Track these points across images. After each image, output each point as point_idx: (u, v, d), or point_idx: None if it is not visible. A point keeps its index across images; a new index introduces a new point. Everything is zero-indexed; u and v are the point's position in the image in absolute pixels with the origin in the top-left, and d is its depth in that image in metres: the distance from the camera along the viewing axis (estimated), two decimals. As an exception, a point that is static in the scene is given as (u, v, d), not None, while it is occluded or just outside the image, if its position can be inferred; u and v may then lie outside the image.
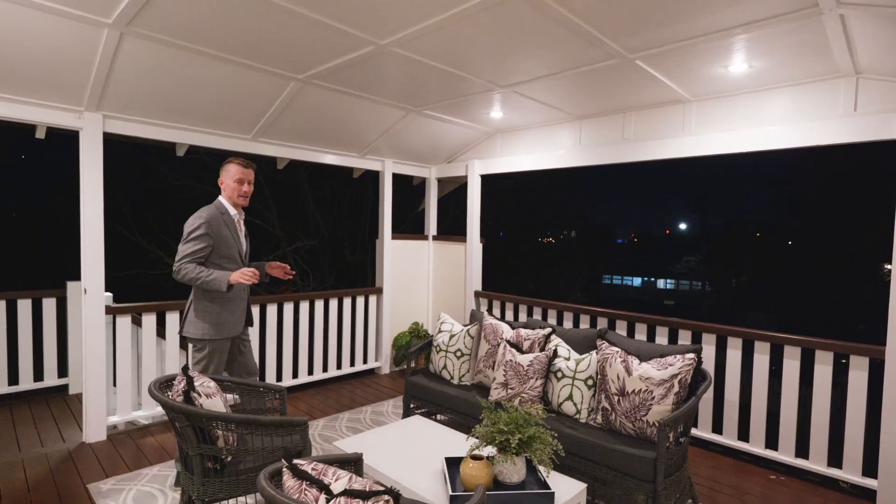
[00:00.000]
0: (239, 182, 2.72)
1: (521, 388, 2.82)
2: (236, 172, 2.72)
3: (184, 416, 1.90)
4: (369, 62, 2.98)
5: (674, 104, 3.57)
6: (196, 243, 2.58)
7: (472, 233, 4.98)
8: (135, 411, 3.61)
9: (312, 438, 3.40)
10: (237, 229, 2.76)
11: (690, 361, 2.41)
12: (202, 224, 2.60)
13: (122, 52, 2.73)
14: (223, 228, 2.67)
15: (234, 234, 2.72)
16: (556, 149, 4.32)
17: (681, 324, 3.49)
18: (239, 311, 2.77)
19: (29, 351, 4.00)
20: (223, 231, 2.67)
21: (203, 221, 2.61)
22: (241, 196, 2.74)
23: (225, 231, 2.68)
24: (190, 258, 2.56)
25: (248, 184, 2.75)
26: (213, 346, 2.66)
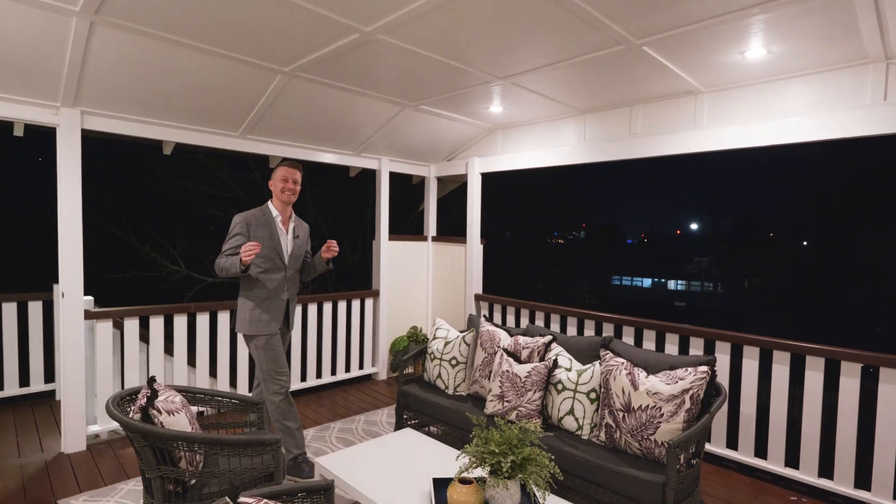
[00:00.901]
0: (283, 180, 2.80)
1: (519, 402, 2.62)
2: (282, 173, 2.82)
3: (140, 436, 1.73)
4: (357, 52, 2.79)
5: (684, 96, 3.35)
6: (230, 241, 2.70)
7: (472, 233, 4.78)
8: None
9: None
10: (277, 229, 2.79)
11: (703, 375, 2.19)
12: (238, 223, 2.73)
13: (95, 43, 2.58)
14: (260, 228, 2.74)
15: (273, 234, 2.77)
16: (559, 145, 4.11)
17: (693, 331, 3.26)
18: (275, 310, 2.79)
19: (14, 355, 3.87)
20: (260, 231, 2.73)
21: (239, 221, 2.73)
22: (285, 192, 2.80)
23: (262, 231, 2.73)
24: (222, 254, 2.68)
25: (293, 182, 2.82)
26: (260, 340, 2.75)
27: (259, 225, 2.75)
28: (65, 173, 3.06)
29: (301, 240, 2.96)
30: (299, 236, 2.94)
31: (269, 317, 2.76)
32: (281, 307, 2.82)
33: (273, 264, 2.78)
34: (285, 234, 2.85)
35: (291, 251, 2.86)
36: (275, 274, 2.79)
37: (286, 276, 2.84)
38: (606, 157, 3.81)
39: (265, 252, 2.73)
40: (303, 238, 2.99)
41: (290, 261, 2.86)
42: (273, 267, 2.78)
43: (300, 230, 2.97)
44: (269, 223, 2.78)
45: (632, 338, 3.63)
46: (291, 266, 2.88)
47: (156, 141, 3.64)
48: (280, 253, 2.80)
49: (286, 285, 2.84)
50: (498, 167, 4.60)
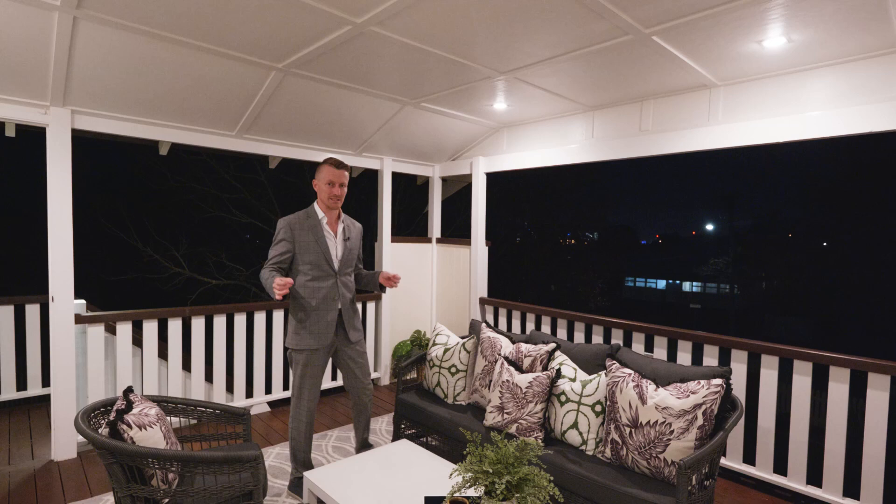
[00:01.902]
0: (329, 184, 2.60)
1: (519, 414, 2.47)
2: (327, 174, 2.61)
3: (107, 453, 1.62)
4: (351, 47, 2.67)
5: (698, 90, 3.17)
6: (275, 248, 2.58)
7: (476, 235, 4.64)
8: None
9: (295, 460, 3.11)
10: (324, 234, 2.62)
11: (717, 389, 2.03)
12: (280, 229, 2.60)
13: (79, 39, 2.49)
14: (305, 233, 2.58)
15: (320, 239, 2.60)
16: (566, 143, 3.95)
17: (707, 338, 3.08)
18: (323, 324, 2.60)
19: (11, 359, 3.82)
20: (305, 236, 2.58)
21: (282, 226, 2.60)
22: (331, 198, 2.61)
23: (307, 236, 2.58)
24: (268, 263, 2.56)
25: (340, 186, 2.62)
26: (297, 356, 2.62)
27: (304, 229, 2.59)
28: (55, 174, 2.98)
29: (353, 241, 2.75)
30: (350, 238, 2.73)
31: (318, 329, 2.59)
32: (333, 318, 2.62)
33: (322, 271, 2.59)
34: (334, 238, 2.66)
35: (342, 255, 2.68)
36: (325, 282, 2.60)
37: (338, 283, 2.64)
38: (616, 156, 3.64)
39: (312, 259, 2.58)
40: (354, 240, 2.77)
41: (340, 266, 2.66)
42: (322, 274, 2.59)
43: (351, 231, 2.76)
44: (315, 226, 2.61)
45: (642, 344, 3.46)
46: (343, 271, 2.68)
47: (151, 141, 3.57)
48: (329, 259, 2.62)
49: (338, 293, 2.64)
50: (503, 167, 4.46)
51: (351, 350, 2.76)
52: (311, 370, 2.63)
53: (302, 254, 2.58)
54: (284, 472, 2.96)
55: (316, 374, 2.66)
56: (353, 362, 2.78)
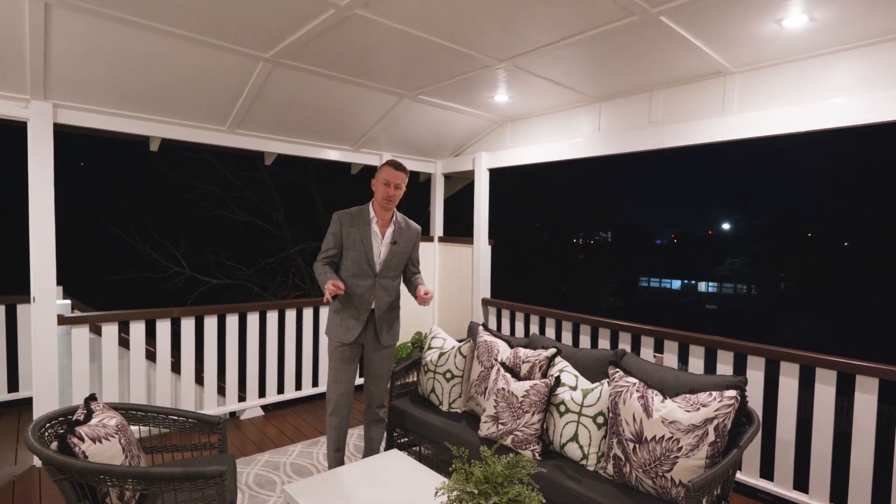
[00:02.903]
0: (385, 184, 2.57)
1: (515, 424, 2.30)
2: (385, 174, 2.59)
3: (55, 469, 1.49)
4: (339, 34, 2.53)
5: (711, 77, 2.96)
6: (325, 242, 2.63)
7: (479, 234, 4.46)
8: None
9: (283, 468, 2.98)
10: (370, 234, 2.60)
11: (731, 402, 1.83)
12: (333, 221, 2.62)
13: (54, 28, 2.38)
14: (354, 230, 2.59)
15: (365, 239, 2.59)
16: (572, 137, 3.76)
17: (721, 343, 2.87)
18: (354, 321, 2.60)
19: (2, 360, 3.75)
20: (353, 233, 2.58)
21: (334, 220, 2.63)
22: (386, 199, 2.58)
23: (355, 234, 2.58)
24: (320, 255, 2.61)
25: (396, 188, 2.59)
26: (331, 345, 2.66)
27: (353, 225, 2.59)
28: (36, 170, 2.88)
29: (401, 246, 2.68)
30: (398, 242, 2.66)
31: (350, 325, 2.59)
32: (364, 318, 2.59)
33: (361, 269, 2.58)
34: (380, 239, 2.63)
35: (385, 258, 2.62)
36: (363, 280, 2.59)
37: (376, 285, 2.61)
38: (624, 149, 3.45)
39: (354, 256, 2.58)
40: (403, 244, 2.70)
41: (382, 268, 2.62)
42: (361, 272, 2.59)
43: (402, 235, 2.69)
44: (364, 225, 2.60)
45: (652, 349, 3.26)
46: (385, 274, 2.63)
47: (140, 137, 3.46)
48: (370, 259, 2.58)
49: (374, 294, 2.61)
50: (506, 162, 4.28)
51: (377, 354, 2.71)
52: (336, 363, 2.66)
53: (347, 249, 2.61)
54: (271, 481, 2.82)
55: (342, 368, 2.66)
56: (374, 364, 2.73)
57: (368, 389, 2.79)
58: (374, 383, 2.77)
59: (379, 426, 2.83)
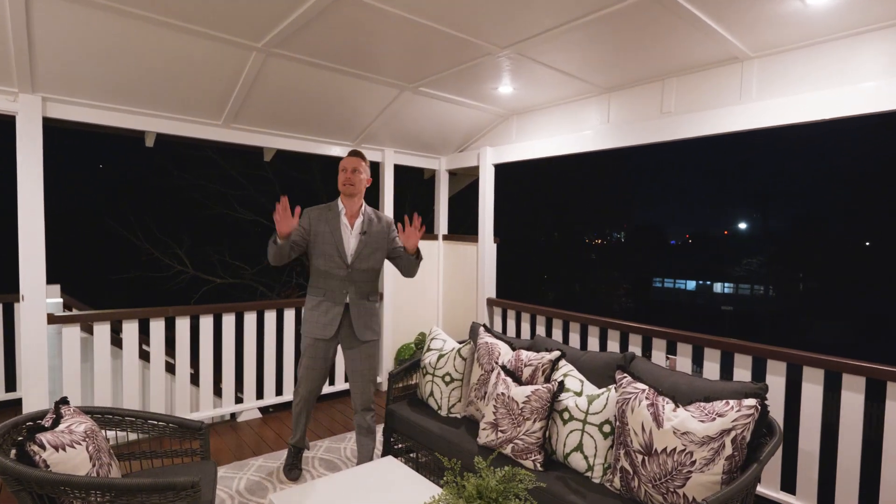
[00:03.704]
0: (342, 170, 2.63)
1: (515, 432, 2.15)
2: (342, 162, 2.66)
3: (12, 479, 1.38)
4: (329, 20, 2.41)
5: (728, 63, 2.78)
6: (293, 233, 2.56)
7: (484, 231, 4.32)
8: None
9: (277, 473, 2.87)
10: (340, 226, 2.61)
11: (750, 411, 1.67)
12: (303, 216, 2.61)
13: (37, 16, 2.29)
14: (322, 224, 2.60)
15: (335, 231, 2.59)
16: (580, 130, 3.60)
17: (738, 346, 2.69)
18: (331, 315, 2.58)
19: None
20: (321, 227, 2.60)
21: (305, 213, 2.62)
22: (344, 184, 2.62)
23: (323, 227, 2.60)
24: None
25: (353, 171, 2.61)
26: (304, 342, 2.65)
27: (321, 219, 2.61)
28: (25, 166, 2.80)
29: (371, 237, 2.64)
30: (368, 232, 2.63)
31: (325, 321, 2.58)
32: (339, 311, 2.58)
33: (333, 262, 2.58)
34: (350, 230, 2.62)
35: (357, 249, 2.60)
36: (336, 273, 2.59)
37: (349, 277, 2.59)
38: (634, 141, 3.28)
39: (325, 249, 2.58)
40: (375, 234, 2.66)
41: (354, 260, 2.59)
42: (334, 265, 2.58)
43: (372, 226, 2.66)
44: (333, 218, 2.61)
45: (664, 352, 3.09)
46: (358, 266, 2.61)
47: (134, 132, 3.38)
48: (341, 251, 2.58)
49: (348, 287, 2.59)
50: (512, 157, 4.13)
51: (356, 351, 2.66)
52: (310, 360, 2.64)
53: (316, 244, 2.59)
54: (263, 487, 2.71)
55: (316, 366, 2.65)
56: (355, 362, 2.68)
57: (352, 391, 2.73)
58: (357, 383, 2.69)
59: (368, 437, 2.73)
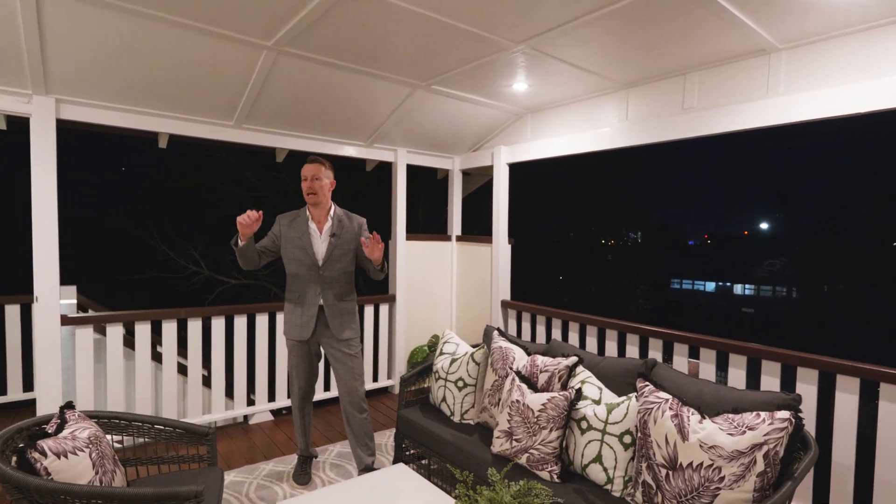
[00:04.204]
0: (303, 179, 2.65)
1: (530, 441, 2.06)
2: (302, 171, 2.67)
3: (12, 487, 1.35)
4: (339, 17, 2.36)
5: (754, 56, 2.66)
6: (265, 239, 2.67)
7: (498, 232, 4.23)
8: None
9: (287, 478, 2.82)
10: (308, 231, 2.65)
11: (784, 424, 1.56)
12: (275, 223, 2.70)
13: (48, 16, 2.29)
14: (292, 230, 2.66)
15: (304, 236, 2.64)
16: (597, 127, 3.49)
17: (766, 352, 2.56)
18: (306, 317, 2.65)
19: (17, 359, 3.71)
20: (291, 232, 2.65)
21: (276, 221, 2.71)
22: (307, 194, 2.64)
23: (293, 233, 2.65)
24: None
25: (313, 179, 2.62)
26: (288, 344, 2.75)
27: (291, 224, 2.67)
28: (39, 167, 2.81)
29: (344, 239, 2.69)
30: (338, 234, 2.67)
31: (301, 322, 2.65)
32: (313, 313, 2.64)
33: (303, 265, 2.63)
34: (318, 235, 2.67)
35: (327, 252, 2.65)
36: (308, 276, 2.65)
37: (320, 279, 2.64)
38: (654, 139, 3.17)
39: (296, 254, 2.64)
40: (346, 237, 2.71)
41: (325, 262, 2.64)
42: (304, 268, 2.64)
43: (342, 228, 2.70)
44: (301, 224, 2.66)
45: (686, 357, 2.97)
46: (329, 268, 2.66)
47: (147, 133, 3.37)
48: (310, 254, 2.63)
49: (320, 290, 2.64)
50: (527, 156, 4.04)
51: (336, 350, 2.71)
52: (296, 359, 2.73)
53: (287, 249, 2.65)
54: (273, 493, 2.67)
55: (301, 364, 2.74)
56: (337, 362, 2.73)
57: (340, 393, 2.76)
58: (343, 381, 2.73)
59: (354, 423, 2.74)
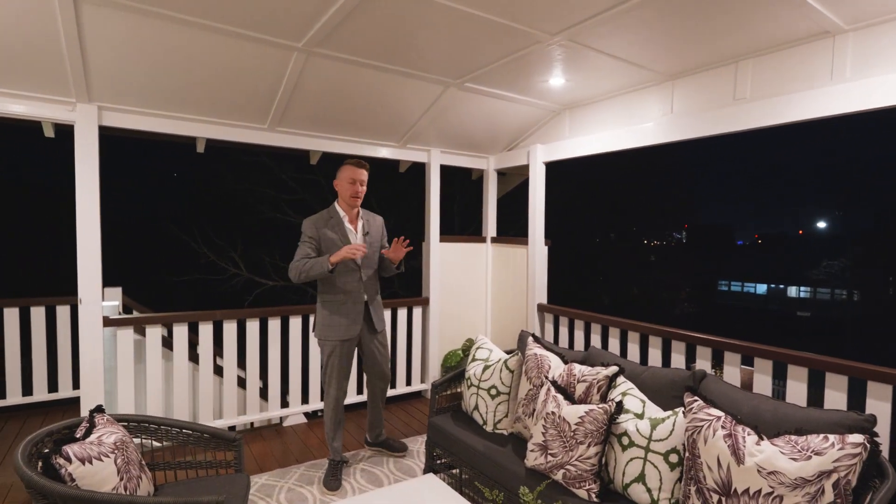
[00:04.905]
0: (351, 182, 2.74)
1: (567, 457, 1.93)
2: (350, 173, 2.76)
3: (36, 493, 1.35)
4: (367, 15, 2.31)
5: (816, 39, 2.43)
6: (302, 247, 2.71)
7: (534, 233, 4.09)
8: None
9: (318, 482, 2.79)
10: (346, 231, 2.77)
11: (857, 450, 1.38)
12: (306, 228, 2.74)
13: (87, 25, 2.34)
14: (329, 232, 2.73)
15: (343, 237, 2.73)
16: (640, 122, 3.31)
17: (832, 364, 2.31)
18: (353, 314, 2.76)
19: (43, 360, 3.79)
20: (328, 233, 2.72)
21: (307, 227, 2.74)
22: (353, 197, 2.75)
23: (332, 235, 2.72)
24: (296, 260, 2.68)
25: (361, 184, 2.76)
26: (328, 346, 2.76)
27: (327, 227, 2.74)
28: (83, 173, 2.90)
29: (373, 236, 2.88)
30: (369, 233, 2.86)
31: (348, 321, 2.74)
32: (360, 310, 2.78)
33: (346, 267, 2.73)
34: (355, 234, 2.81)
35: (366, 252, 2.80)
36: (350, 276, 2.76)
37: (362, 278, 2.80)
38: (702, 133, 2.96)
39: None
40: (375, 234, 2.90)
41: (364, 261, 2.79)
42: (347, 270, 2.74)
43: (371, 226, 2.89)
44: (338, 225, 2.76)
45: (738, 367, 2.75)
46: (367, 266, 2.83)
47: (185, 138, 3.44)
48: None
49: (363, 287, 2.79)
50: (564, 154, 3.88)
51: (375, 342, 2.91)
52: (339, 360, 2.76)
53: (328, 251, 2.68)
54: (303, 498, 2.64)
55: (344, 365, 2.80)
56: (377, 350, 2.93)
57: (373, 370, 2.96)
58: (377, 367, 2.95)
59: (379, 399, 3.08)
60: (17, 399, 3.69)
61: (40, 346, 3.76)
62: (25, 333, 3.73)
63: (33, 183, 12.93)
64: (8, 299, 3.73)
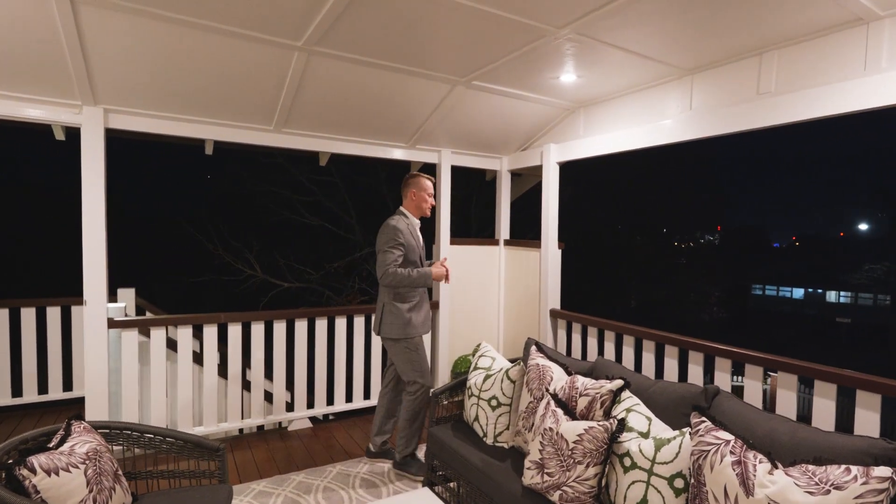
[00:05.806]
0: (430, 195, 3.06)
1: (564, 477, 1.81)
2: (428, 187, 3.05)
3: (0, 505, 1.31)
4: (364, 10, 2.23)
5: (849, 26, 2.23)
6: (396, 251, 2.85)
7: (547, 236, 3.95)
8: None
9: (316, 491, 2.73)
10: (419, 237, 3.05)
11: (884, 485, 1.21)
12: (399, 233, 2.88)
13: (85, 27, 2.33)
14: (409, 236, 2.94)
15: (418, 241, 3.02)
16: (658, 119, 3.13)
17: (862, 381, 2.11)
18: (424, 312, 3.01)
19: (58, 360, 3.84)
20: (410, 240, 2.95)
21: (400, 231, 2.89)
22: (429, 208, 3.08)
23: (410, 239, 2.95)
24: (393, 264, 2.82)
25: (433, 197, 3.11)
26: (413, 343, 2.91)
27: (408, 233, 2.94)
28: (89, 175, 2.92)
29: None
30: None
31: (426, 317, 3.00)
32: (428, 309, 3.06)
33: (419, 266, 2.96)
34: (420, 240, 3.07)
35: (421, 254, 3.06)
36: None
37: None
38: (723, 130, 2.77)
39: (413, 258, 2.94)
40: None
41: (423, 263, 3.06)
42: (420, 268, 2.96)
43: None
44: (414, 231, 3.00)
45: (760, 381, 2.55)
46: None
47: (191, 140, 3.45)
48: (422, 256, 3.02)
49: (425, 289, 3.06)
50: (578, 154, 3.73)
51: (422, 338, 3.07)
52: (423, 352, 2.96)
53: (408, 254, 2.91)
54: (299, 507, 2.58)
55: (423, 357, 2.97)
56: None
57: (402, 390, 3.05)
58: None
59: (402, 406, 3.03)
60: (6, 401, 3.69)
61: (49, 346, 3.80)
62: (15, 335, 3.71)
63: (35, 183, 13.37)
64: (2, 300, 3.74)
